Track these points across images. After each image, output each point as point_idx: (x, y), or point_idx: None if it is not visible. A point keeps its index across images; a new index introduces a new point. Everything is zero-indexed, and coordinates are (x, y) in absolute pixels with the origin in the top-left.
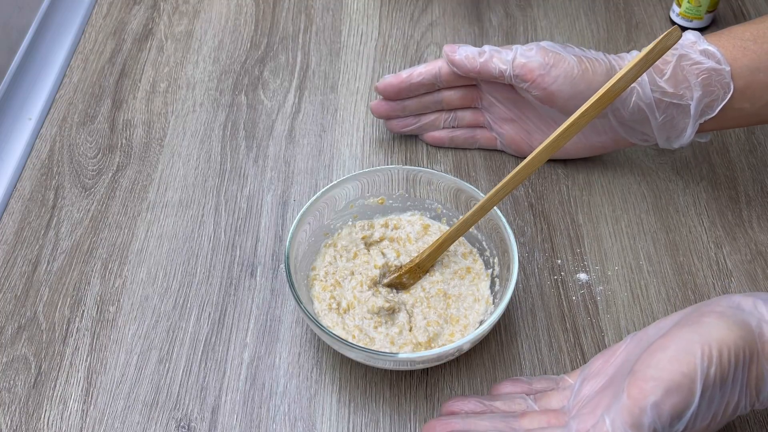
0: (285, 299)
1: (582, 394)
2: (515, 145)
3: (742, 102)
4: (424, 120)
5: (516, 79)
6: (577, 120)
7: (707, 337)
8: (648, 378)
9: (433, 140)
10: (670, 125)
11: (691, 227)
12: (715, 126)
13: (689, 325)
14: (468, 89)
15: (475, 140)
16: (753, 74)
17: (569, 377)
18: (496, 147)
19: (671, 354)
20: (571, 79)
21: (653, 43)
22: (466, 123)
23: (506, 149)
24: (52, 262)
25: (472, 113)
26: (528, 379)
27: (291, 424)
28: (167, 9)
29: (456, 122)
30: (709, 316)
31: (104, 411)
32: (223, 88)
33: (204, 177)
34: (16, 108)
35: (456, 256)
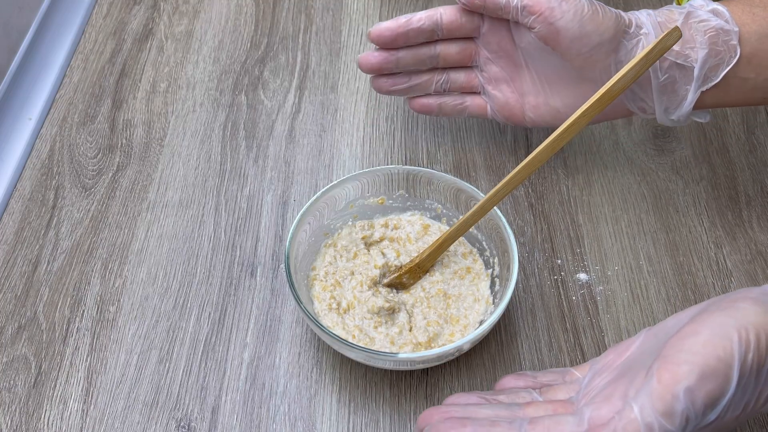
0: (285, 299)
1: (591, 386)
2: (506, 109)
3: (747, 71)
4: (416, 80)
5: (523, 12)
6: (577, 120)
7: (743, 321)
8: (681, 362)
9: (421, 107)
10: (671, 89)
11: (691, 227)
12: (716, 99)
13: (722, 310)
14: (466, 43)
15: (465, 107)
16: (761, 41)
17: (577, 371)
18: (486, 115)
19: (705, 338)
20: (581, 16)
21: (653, 43)
22: (458, 85)
23: (496, 116)
24: (52, 262)
25: (466, 75)
26: (533, 373)
27: (291, 424)
28: (167, 9)
29: (448, 84)
30: (743, 301)
31: (104, 411)
32: (223, 88)
33: (204, 177)
34: (16, 108)
35: (456, 256)
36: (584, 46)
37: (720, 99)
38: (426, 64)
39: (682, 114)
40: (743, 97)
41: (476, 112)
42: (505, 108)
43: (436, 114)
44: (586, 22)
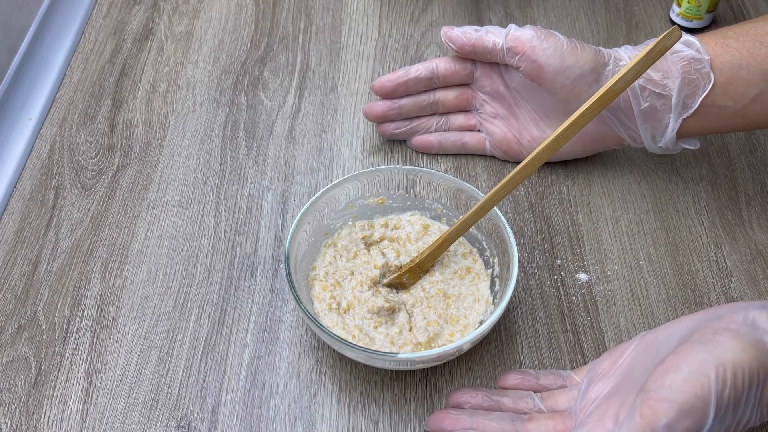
0: (285, 299)
1: (588, 397)
2: (504, 144)
3: (725, 99)
4: (417, 122)
5: (508, 53)
6: (576, 120)
7: (721, 358)
8: (661, 399)
9: (422, 144)
10: (653, 117)
11: (691, 227)
12: (700, 127)
13: (702, 343)
14: (462, 89)
15: (464, 144)
16: (734, 70)
17: (577, 374)
18: (485, 150)
19: (685, 375)
20: (561, 52)
21: (653, 43)
22: (457, 125)
23: (495, 151)
24: (52, 262)
25: (464, 116)
26: (536, 372)
27: (291, 424)
28: (167, 9)
29: (448, 125)
30: (723, 334)
31: (104, 411)
32: (223, 88)
33: (204, 177)
34: (16, 108)
35: (456, 256)
36: (566, 78)
37: (704, 127)
38: (426, 110)
39: (668, 141)
40: (726, 124)
41: (475, 147)
42: (503, 143)
43: (436, 151)
44: (566, 57)
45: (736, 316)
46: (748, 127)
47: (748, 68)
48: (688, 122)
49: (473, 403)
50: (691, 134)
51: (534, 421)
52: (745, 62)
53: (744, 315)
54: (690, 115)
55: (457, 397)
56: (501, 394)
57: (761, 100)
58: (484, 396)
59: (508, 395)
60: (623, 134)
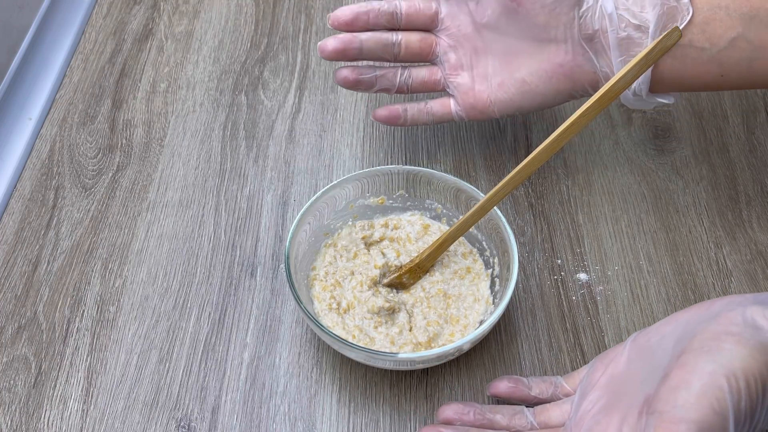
0: (285, 299)
1: (582, 409)
2: (470, 96)
3: (702, 40)
4: (379, 71)
5: None
6: (577, 120)
7: (730, 367)
8: (677, 420)
9: (388, 112)
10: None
11: (691, 227)
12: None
13: (707, 353)
14: (425, 34)
15: (429, 110)
16: (714, 11)
17: (568, 381)
18: (450, 114)
19: (697, 390)
20: None
21: (653, 43)
22: (420, 80)
23: (462, 111)
24: (52, 262)
25: (428, 69)
26: (527, 380)
27: (291, 424)
28: (167, 9)
29: (411, 80)
30: (726, 340)
31: (104, 411)
32: (223, 88)
33: (204, 177)
34: (16, 108)
35: (456, 256)
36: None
37: (678, 72)
38: (388, 51)
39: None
40: (701, 71)
41: (441, 113)
42: (469, 94)
43: (402, 122)
44: None
45: (733, 315)
46: (723, 80)
47: (727, 10)
48: (663, 63)
49: (465, 421)
50: (665, 81)
51: None
52: (725, 4)
53: (742, 314)
54: None
55: (446, 413)
56: (493, 411)
57: (737, 45)
58: (476, 413)
59: (500, 412)
60: (598, 70)
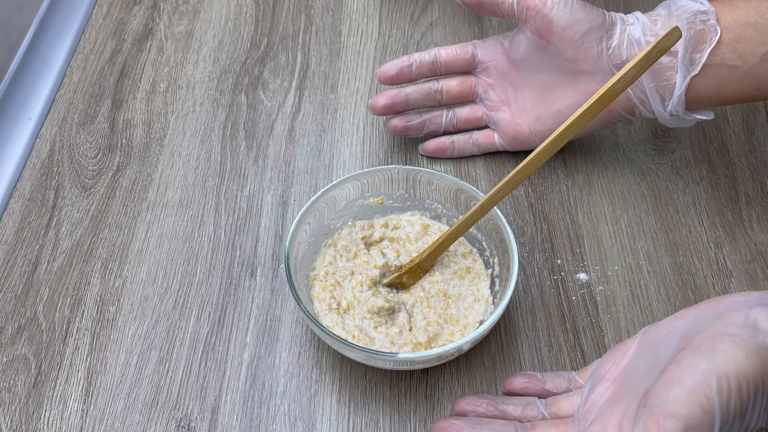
0: (285, 299)
1: (591, 400)
2: (512, 129)
3: (733, 58)
4: (426, 116)
5: (518, 6)
6: (577, 120)
7: (723, 367)
8: (667, 414)
9: (436, 147)
10: (659, 74)
11: (691, 227)
12: (710, 91)
13: (703, 351)
14: (465, 77)
15: (475, 141)
16: (742, 28)
17: (580, 376)
18: (494, 145)
19: (688, 387)
20: (570, 6)
21: (653, 43)
22: (464, 118)
23: (504, 142)
24: (52, 262)
25: (470, 108)
26: (542, 376)
27: (291, 424)
28: (167, 9)
29: (455, 119)
30: (723, 341)
31: (104, 411)
32: (223, 88)
33: (204, 177)
34: (16, 108)
35: (456, 256)
36: (576, 33)
37: (714, 91)
38: (432, 99)
39: (677, 105)
40: (737, 87)
41: (485, 144)
42: (510, 127)
43: (449, 154)
44: (575, 11)
45: (735, 316)
46: (760, 93)
47: (756, 26)
48: (697, 84)
49: (478, 412)
50: (701, 100)
51: (537, 429)
52: (753, 20)
53: (745, 315)
54: (698, 73)
55: (461, 405)
56: (506, 402)
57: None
58: (488, 404)
59: (512, 403)
60: (632, 97)
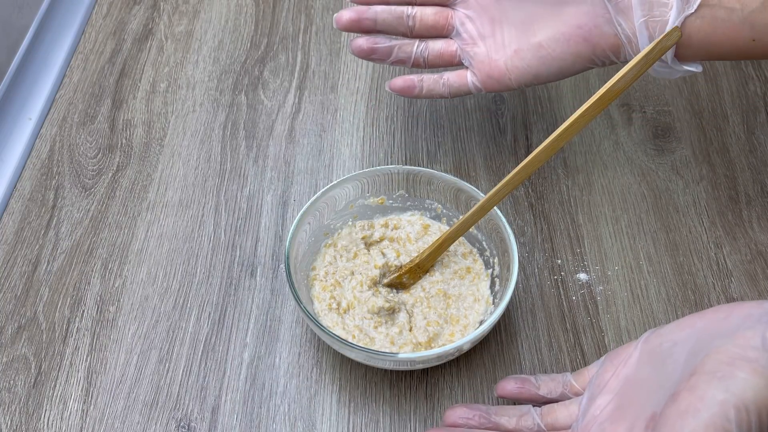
0: (285, 299)
1: (590, 413)
2: (487, 65)
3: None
4: (395, 41)
5: None
6: (577, 120)
7: (742, 397)
8: None
9: (403, 85)
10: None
11: (691, 227)
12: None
13: (719, 379)
14: (441, 7)
15: (446, 82)
16: None
17: (576, 380)
18: (467, 86)
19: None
20: None
21: (653, 43)
22: (437, 52)
23: (478, 81)
24: (52, 262)
25: (444, 42)
26: (535, 379)
27: (291, 424)
28: (167, 9)
29: (427, 52)
30: (741, 367)
31: (104, 411)
32: (223, 88)
33: (204, 177)
34: (16, 108)
35: (456, 256)
36: None
37: (707, 35)
38: (403, 24)
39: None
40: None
41: (457, 85)
42: (485, 63)
43: (417, 93)
44: None
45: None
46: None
47: None
48: (691, 25)
49: (470, 425)
50: (693, 45)
51: None
52: None
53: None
54: (693, 12)
55: (452, 418)
56: (499, 413)
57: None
58: (481, 416)
59: (506, 414)
60: (619, 33)
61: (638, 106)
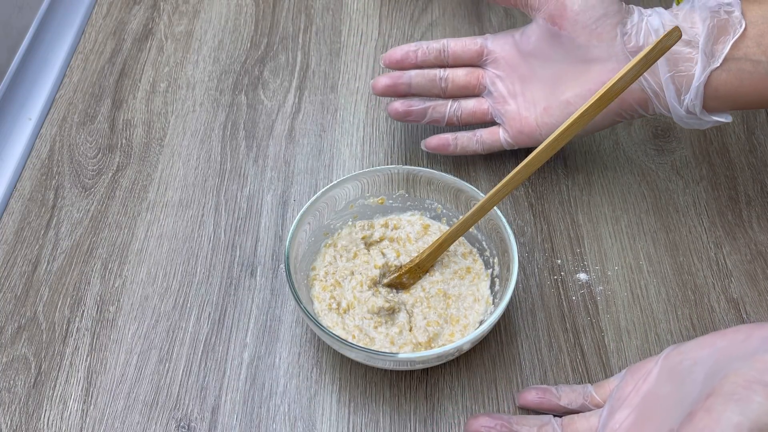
0: (285, 299)
1: (609, 427)
2: (518, 122)
3: (757, 53)
4: (429, 103)
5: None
6: (577, 120)
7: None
8: None
9: (439, 143)
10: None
11: (691, 227)
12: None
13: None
14: (472, 68)
15: (479, 139)
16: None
17: (597, 391)
18: (499, 142)
19: None
20: None
21: (653, 43)
22: (469, 111)
23: (510, 137)
24: (52, 262)
25: (476, 101)
26: (556, 390)
27: (291, 424)
28: (167, 9)
29: (460, 111)
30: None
31: (104, 411)
32: (223, 88)
33: (204, 177)
34: (16, 108)
35: (456, 256)
36: (590, 18)
37: (734, 87)
38: (436, 87)
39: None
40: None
41: (490, 141)
42: (516, 120)
43: (452, 151)
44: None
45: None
46: None
47: None
48: (717, 78)
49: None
50: (720, 97)
51: None
52: None
53: None
54: (719, 66)
55: (474, 427)
56: (520, 423)
57: None
58: (503, 425)
59: (527, 424)
60: (646, 88)
61: None
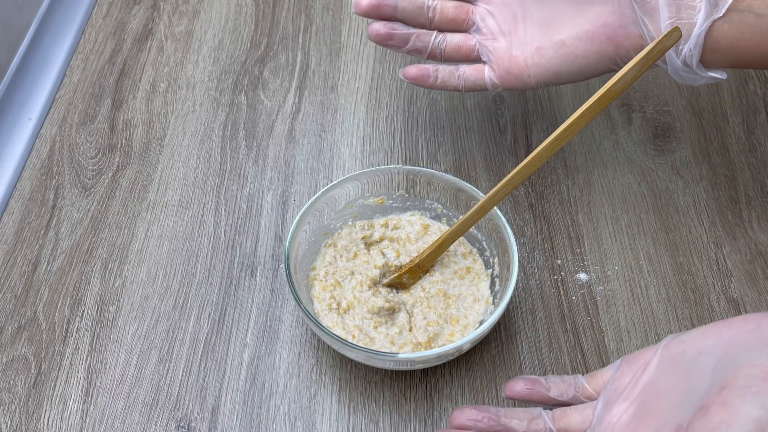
0: (285, 299)
1: (607, 421)
2: (506, 61)
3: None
4: (413, 30)
5: None
6: (577, 120)
7: None
8: None
9: (418, 73)
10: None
11: (691, 227)
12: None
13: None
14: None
15: (461, 75)
16: None
17: (589, 382)
18: (483, 82)
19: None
20: None
21: (653, 43)
22: (455, 45)
23: (495, 77)
24: (52, 262)
25: (463, 36)
26: (545, 380)
27: (291, 424)
28: (167, 9)
29: (445, 43)
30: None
31: (104, 411)
32: (223, 88)
33: (204, 177)
34: (16, 108)
35: (456, 256)
36: None
37: (734, 40)
38: (423, 15)
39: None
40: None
41: (473, 79)
42: (505, 59)
43: (431, 83)
44: None
45: None
46: None
47: None
48: (719, 30)
49: (479, 428)
50: (719, 49)
51: None
52: None
53: None
54: (721, 17)
55: (459, 419)
56: (509, 416)
57: None
58: (490, 419)
59: (516, 416)
60: (644, 33)
61: (638, 106)
